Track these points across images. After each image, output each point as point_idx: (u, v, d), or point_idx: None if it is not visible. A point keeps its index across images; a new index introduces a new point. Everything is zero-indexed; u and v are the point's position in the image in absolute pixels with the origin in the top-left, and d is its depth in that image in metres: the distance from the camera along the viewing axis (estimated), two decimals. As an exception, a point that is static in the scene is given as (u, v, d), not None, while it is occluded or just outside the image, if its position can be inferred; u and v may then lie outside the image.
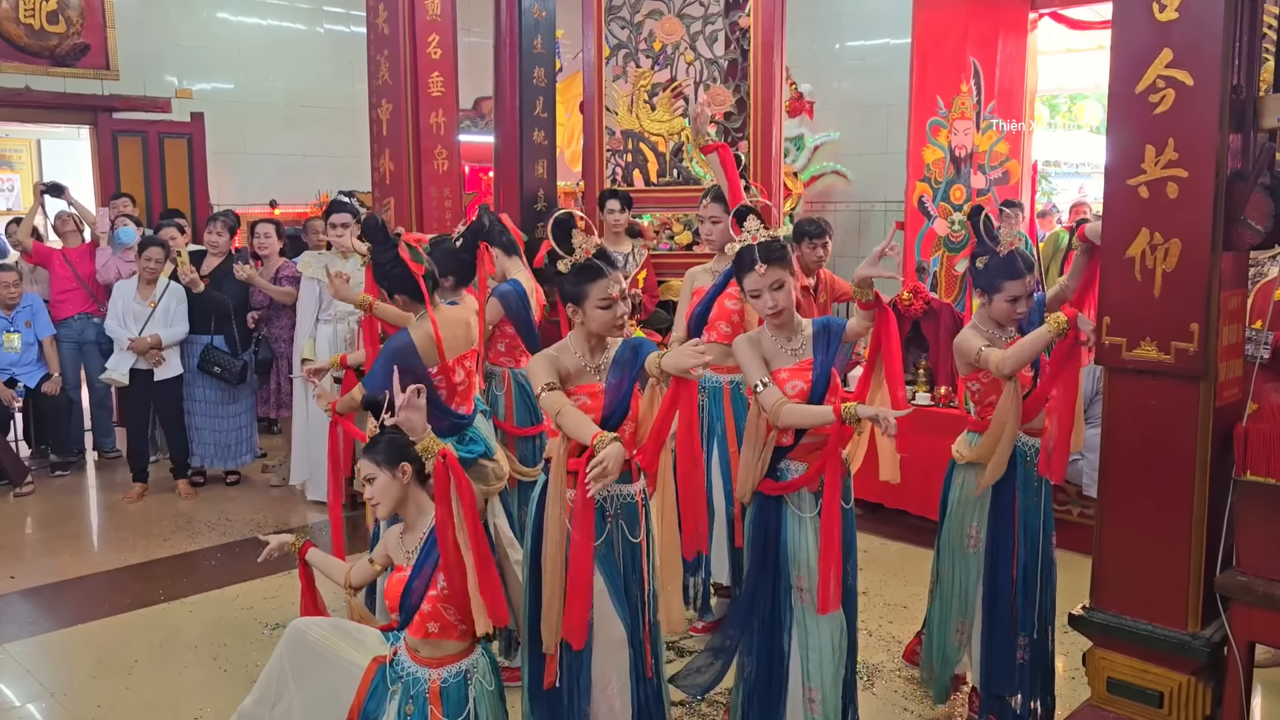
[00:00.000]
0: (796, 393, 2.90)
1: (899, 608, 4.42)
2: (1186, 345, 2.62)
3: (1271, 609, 2.61)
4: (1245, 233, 2.62)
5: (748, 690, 3.04)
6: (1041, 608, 3.28)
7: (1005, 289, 3.16)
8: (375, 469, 2.60)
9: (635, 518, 2.80)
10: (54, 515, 5.91)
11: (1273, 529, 2.63)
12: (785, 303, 2.90)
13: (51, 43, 7.86)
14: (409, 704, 2.59)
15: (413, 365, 3.18)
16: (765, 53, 5.94)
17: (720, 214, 3.91)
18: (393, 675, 2.66)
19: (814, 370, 2.93)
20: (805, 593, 2.92)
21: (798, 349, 2.97)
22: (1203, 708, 2.71)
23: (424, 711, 2.57)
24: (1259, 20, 2.67)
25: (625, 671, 2.79)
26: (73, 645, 4.22)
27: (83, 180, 8.64)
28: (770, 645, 2.99)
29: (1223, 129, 2.56)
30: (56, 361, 6.43)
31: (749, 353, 2.94)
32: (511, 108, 5.99)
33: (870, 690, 3.68)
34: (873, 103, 9.09)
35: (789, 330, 2.97)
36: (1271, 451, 2.63)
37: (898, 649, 3.98)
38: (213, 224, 6.31)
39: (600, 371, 2.76)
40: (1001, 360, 3.03)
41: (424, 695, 2.58)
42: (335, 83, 9.49)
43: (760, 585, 2.98)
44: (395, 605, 2.67)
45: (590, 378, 2.76)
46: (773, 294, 2.88)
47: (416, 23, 5.13)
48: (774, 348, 2.96)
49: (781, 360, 2.95)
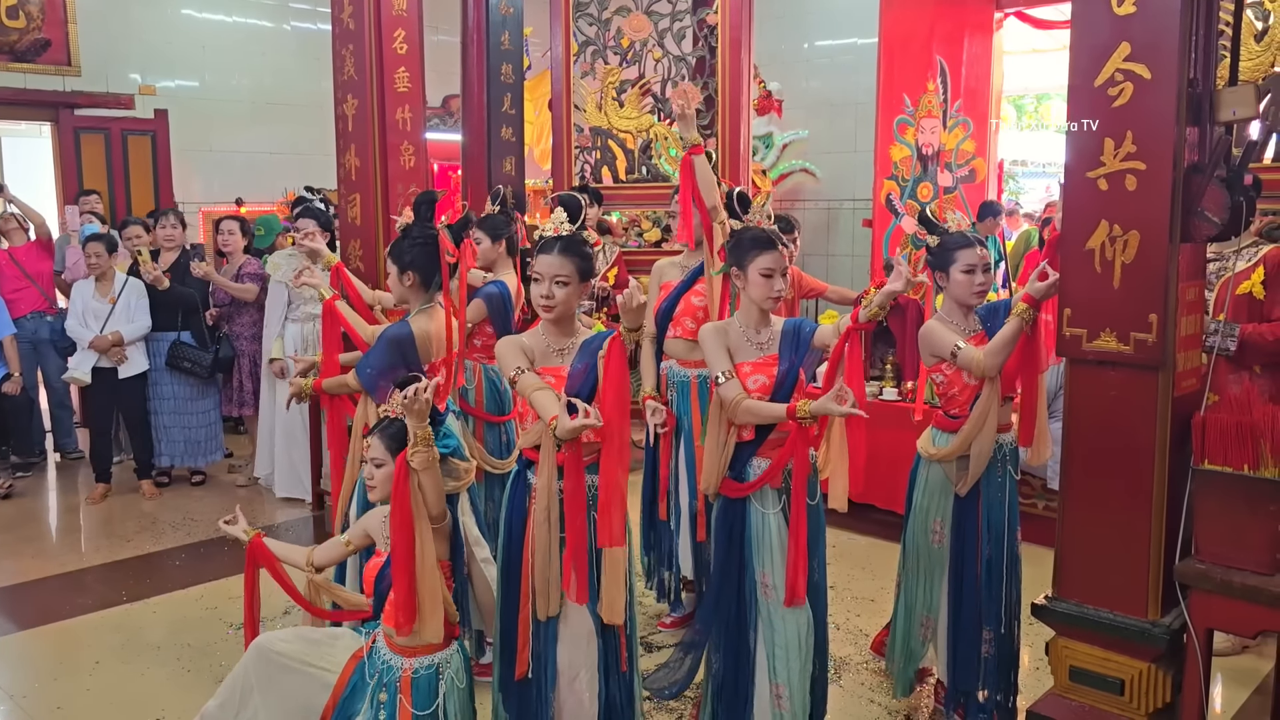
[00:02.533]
0: (758, 387, 2.90)
1: (866, 601, 4.44)
2: (1145, 336, 2.65)
3: (1229, 596, 2.64)
4: (1203, 224, 2.66)
5: (716, 687, 3.03)
6: (1007, 602, 3.29)
7: (959, 258, 3.20)
8: (386, 455, 2.62)
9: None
10: (15, 517, 5.81)
11: (1230, 517, 2.67)
12: (784, 287, 2.94)
13: (11, 38, 7.74)
14: (382, 691, 2.59)
15: (407, 357, 3.20)
16: (733, 50, 5.97)
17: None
18: (370, 667, 2.64)
19: (779, 368, 2.93)
20: (770, 589, 2.91)
21: (764, 343, 2.97)
22: (1163, 695, 2.74)
23: (394, 700, 2.56)
24: (1215, 15, 2.71)
25: (594, 664, 2.77)
26: (33, 647, 4.15)
27: (44, 178, 8.51)
28: (737, 642, 2.98)
29: (1180, 122, 2.59)
30: (17, 361, 6.32)
31: (714, 343, 2.94)
32: (479, 104, 5.98)
33: (838, 683, 3.70)
34: (840, 101, 9.14)
35: (763, 321, 2.98)
36: (1228, 440, 2.66)
37: (865, 642, 4.00)
38: (164, 219, 6.23)
39: (565, 355, 2.76)
40: (981, 361, 3.07)
41: (395, 684, 2.58)
42: (302, 79, 9.41)
43: (725, 582, 2.97)
44: (371, 589, 2.66)
45: (554, 360, 2.76)
46: (783, 277, 2.92)
47: (382, 17, 5.09)
48: (740, 340, 2.97)
49: (746, 353, 2.95)
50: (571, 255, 2.74)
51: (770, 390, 2.90)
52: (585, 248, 2.80)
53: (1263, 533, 2.62)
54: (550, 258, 2.73)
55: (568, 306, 2.75)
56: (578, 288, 2.75)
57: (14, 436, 6.69)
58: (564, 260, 2.73)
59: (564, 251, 2.74)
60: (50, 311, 6.60)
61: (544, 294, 2.72)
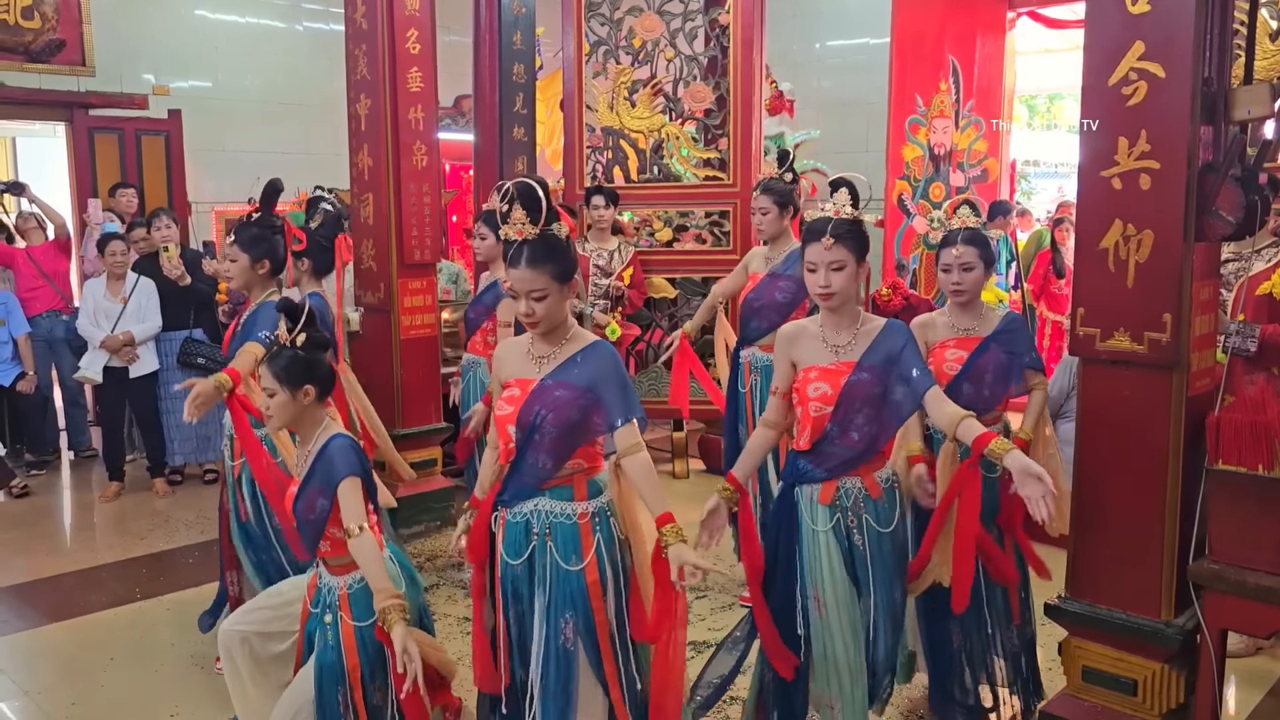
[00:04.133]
0: (818, 395, 2.64)
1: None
2: (1159, 335, 2.65)
3: (1243, 597, 2.63)
4: (1217, 224, 2.65)
5: (766, 695, 2.83)
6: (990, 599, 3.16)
7: (939, 256, 3.22)
8: (277, 385, 2.63)
9: (574, 543, 2.49)
10: (29, 514, 5.85)
11: (1244, 518, 2.66)
12: (840, 286, 2.61)
13: (26, 39, 7.77)
14: (327, 614, 2.66)
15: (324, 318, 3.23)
16: (745, 50, 5.96)
17: (770, 205, 4.19)
18: (318, 598, 2.72)
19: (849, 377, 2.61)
20: (824, 606, 2.68)
21: (843, 345, 2.67)
22: (1176, 695, 2.73)
23: (337, 619, 2.64)
24: (1230, 13, 2.70)
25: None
26: (47, 644, 4.17)
27: (59, 178, 8.55)
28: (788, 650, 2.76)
29: (1194, 121, 2.58)
30: (31, 359, 6.36)
31: (779, 351, 2.78)
32: (491, 104, 5.99)
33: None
34: (852, 101, 9.12)
35: (838, 323, 2.69)
36: (1243, 441, 2.65)
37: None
38: (157, 220, 6.21)
39: (544, 364, 2.51)
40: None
41: (335, 604, 2.65)
42: (314, 79, 9.44)
43: (777, 589, 2.76)
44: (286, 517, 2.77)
45: (528, 370, 2.52)
46: (830, 273, 2.61)
47: (395, 17, 5.11)
48: (814, 343, 2.70)
49: (818, 357, 2.68)
50: (543, 264, 2.41)
51: (832, 401, 2.62)
52: (557, 248, 2.45)
53: (1277, 533, 2.61)
54: (520, 272, 2.41)
55: (554, 316, 2.47)
56: (560, 294, 2.45)
57: (28, 434, 6.74)
58: (536, 273, 2.41)
59: (533, 262, 2.41)
60: (66, 310, 6.65)
61: (524, 312, 2.45)
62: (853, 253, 2.60)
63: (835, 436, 2.64)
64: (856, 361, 2.63)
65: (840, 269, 2.60)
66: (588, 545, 2.48)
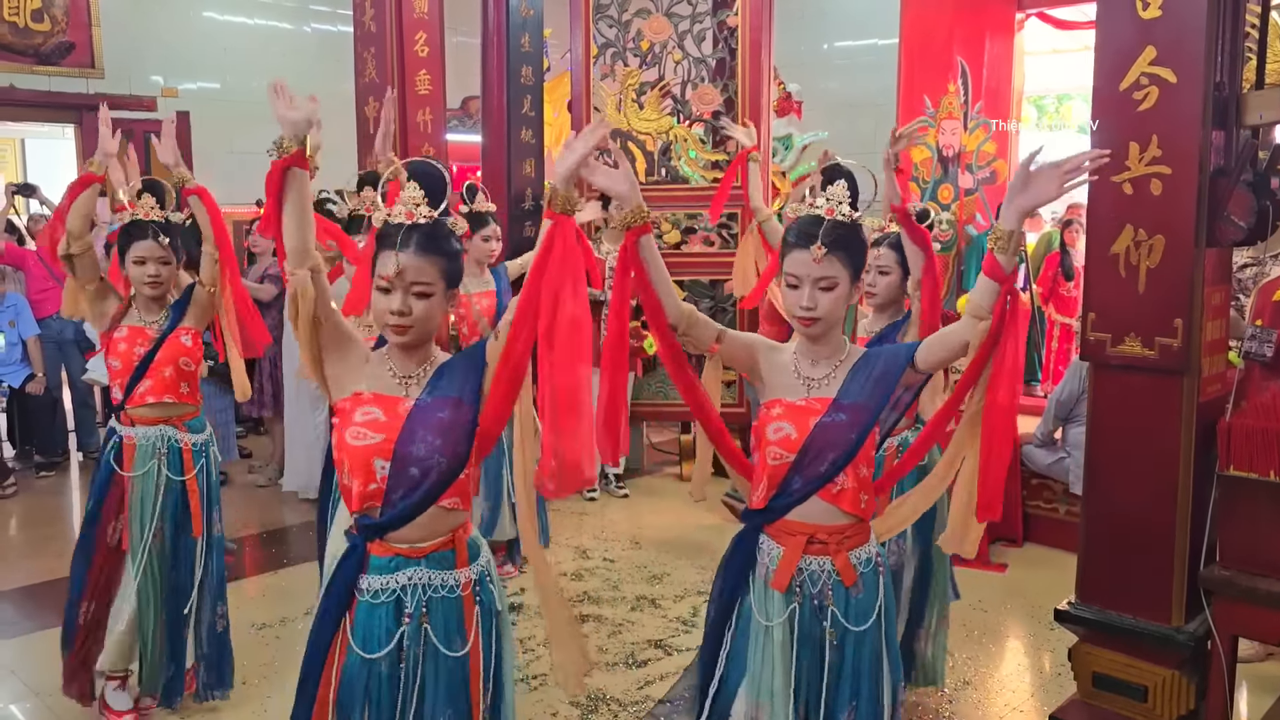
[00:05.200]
0: (779, 438, 2.06)
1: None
2: (1170, 340, 2.64)
3: (1254, 603, 2.63)
4: (1228, 229, 2.64)
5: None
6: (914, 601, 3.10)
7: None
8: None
9: (457, 621, 1.96)
10: (38, 516, 5.86)
11: (1255, 524, 2.65)
12: (827, 310, 2.05)
13: (36, 41, 7.81)
14: None
15: None
16: (753, 52, 5.97)
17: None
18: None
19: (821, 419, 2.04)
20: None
21: (818, 379, 2.10)
22: (1187, 701, 2.73)
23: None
24: (1241, 18, 2.69)
25: None
26: (57, 645, 4.16)
27: (68, 180, 8.57)
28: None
29: (1206, 126, 2.58)
30: (41, 361, 6.38)
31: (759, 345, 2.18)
32: (499, 106, 5.98)
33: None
34: (860, 102, 9.12)
35: (817, 352, 2.13)
36: (1255, 446, 2.65)
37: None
38: None
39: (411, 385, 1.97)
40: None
41: None
42: (322, 81, 9.30)
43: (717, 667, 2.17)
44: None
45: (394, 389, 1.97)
46: (816, 291, 2.04)
47: (403, 20, 5.12)
48: (786, 373, 2.13)
49: (787, 390, 2.11)
50: (434, 253, 1.91)
51: (795, 449, 2.05)
52: (452, 241, 1.96)
53: (1289, 540, 2.60)
54: (406, 256, 1.87)
55: (428, 326, 1.94)
56: (444, 298, 1.94)
57: (37, 435, 6.75)
58: (425, 261, 1.89)
59: (424, 249, 1.89)
60: (75, 312, 6.66)
61: (396, 309, 1.88)
62: (847, 268, 2.05)
63: (796, 492, 2.07)
64: (833, 398, 2.07)
65: (830, 289, 2.04)
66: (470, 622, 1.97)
